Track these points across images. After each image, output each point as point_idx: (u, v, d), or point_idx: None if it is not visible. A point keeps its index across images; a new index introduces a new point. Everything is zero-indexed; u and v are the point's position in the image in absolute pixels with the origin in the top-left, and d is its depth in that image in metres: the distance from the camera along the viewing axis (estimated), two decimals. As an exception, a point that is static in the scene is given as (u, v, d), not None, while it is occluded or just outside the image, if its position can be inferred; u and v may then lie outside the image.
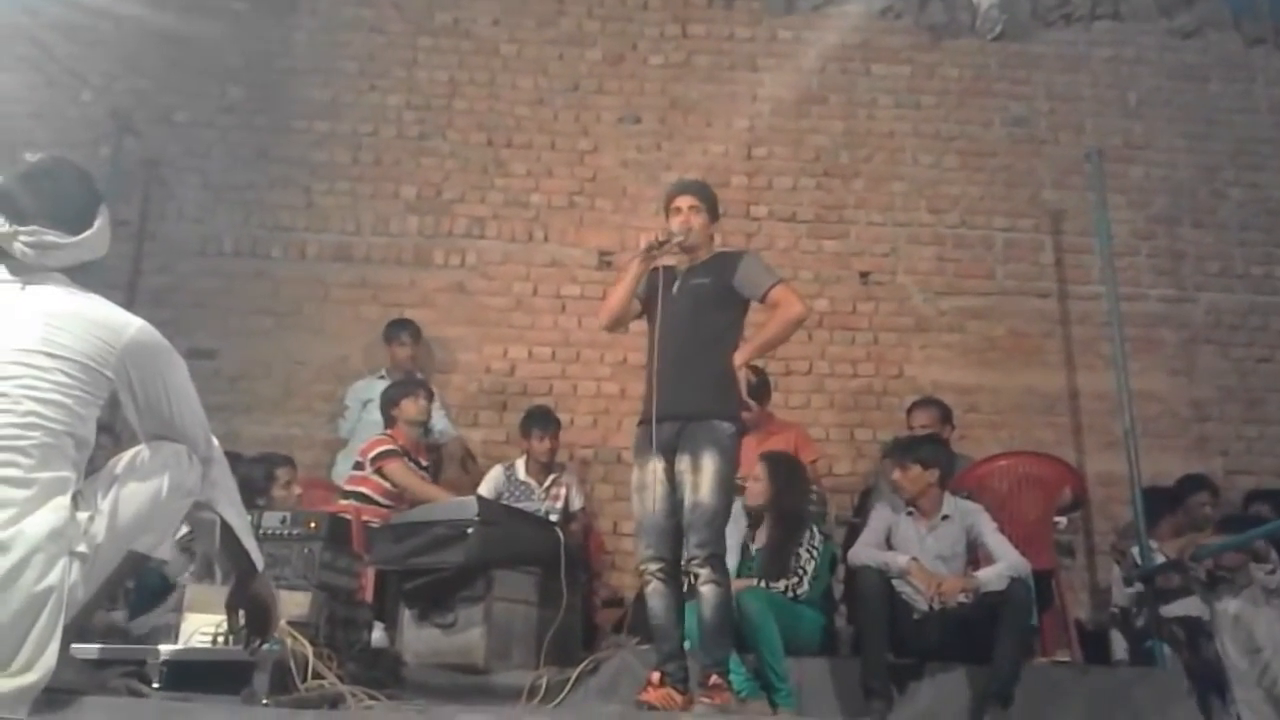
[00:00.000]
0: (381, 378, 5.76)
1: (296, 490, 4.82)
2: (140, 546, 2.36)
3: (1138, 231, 6.83)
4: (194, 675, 2.82)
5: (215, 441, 2.53)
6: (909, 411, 5.67)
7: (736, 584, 4.16)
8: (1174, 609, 4.84)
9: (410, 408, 5.19)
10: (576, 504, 5.54)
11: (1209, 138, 7.09)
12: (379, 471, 4.97)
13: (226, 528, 2.51)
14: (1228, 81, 7.22)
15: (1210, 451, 6.42)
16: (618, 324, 3.97)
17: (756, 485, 4.50)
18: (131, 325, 2.38)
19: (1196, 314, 6.77)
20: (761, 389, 5.31)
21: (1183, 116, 7.13)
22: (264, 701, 2.66)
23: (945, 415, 5.58)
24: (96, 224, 2.49)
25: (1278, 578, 4.43)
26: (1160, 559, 4.86)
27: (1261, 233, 6.93)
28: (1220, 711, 4.32)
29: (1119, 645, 5.17)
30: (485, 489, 5.36)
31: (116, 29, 6.67)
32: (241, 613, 2.62)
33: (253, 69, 6.87)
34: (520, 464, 5.54)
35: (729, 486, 3.64)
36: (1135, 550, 4.96)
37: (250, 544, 2.58)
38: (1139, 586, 4.95)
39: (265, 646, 2.67)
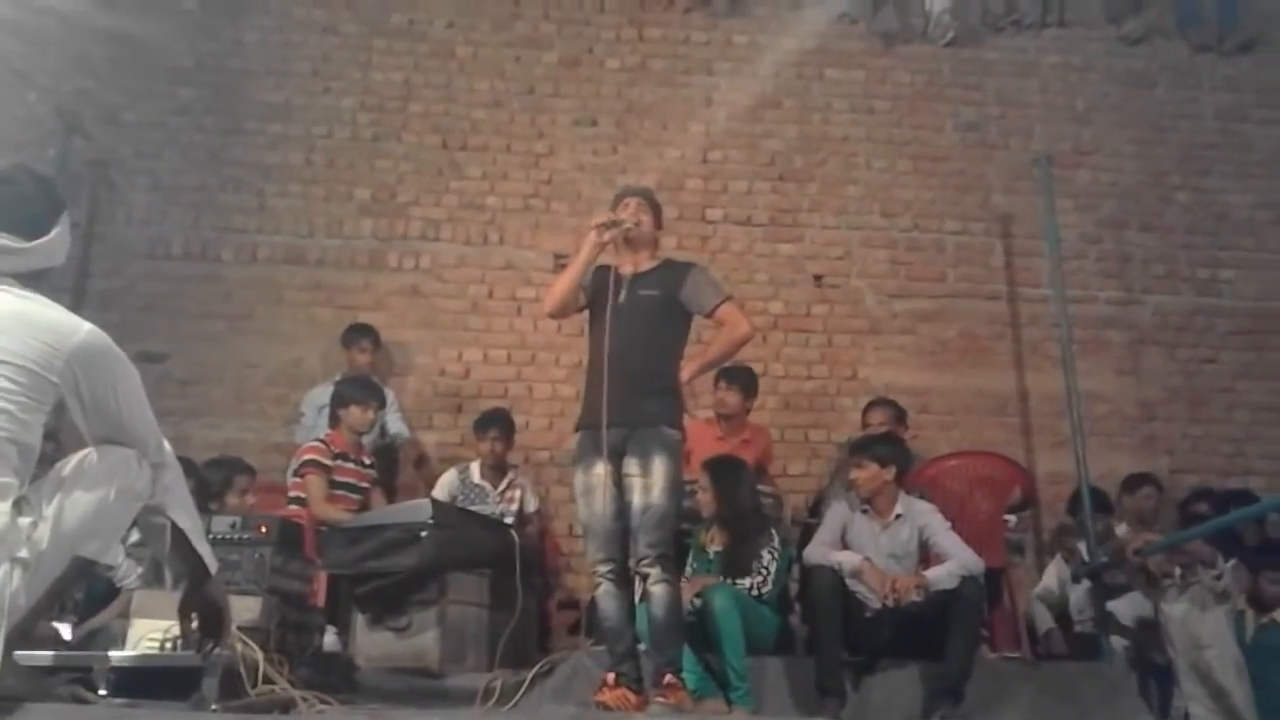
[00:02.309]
0: (338, 383, 5.71)
1: (250, 500, 4.78)
2: (86, 552, 2.33)
3: (1086, 235, 6.95)
4: (142, 681, 2.78)
5: (167, 446, 2.51)
6: (864, 412, 5.73)
7: (702, 581, 4.20)
8: (1120, 606, 4.93)
9: (357, 415, 5.13)
10: (531, 506, 5.53)
11: (1156, 143, 7.22)
12: (300, 477, 4.93)
13: (178, 532, 2.48)
14: (1174, 88, 7.35)
15: (1156, 451, 6.54)
16: (564, 311, 3.96)
17: (704, 495, 4.51)
18: (80, 329, 2.35)
19: (1143, 316, 6.89)
20: (751, 385, 5.34)
21: (1130, 122, 7.25)
22: (213, 707, 2.63)
23: (900, 415, 5.64)
24: (53, 231, 2.46)
25: (1224, 583, 4.52)
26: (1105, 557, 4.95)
27: (1206, 236, 7.07)
28: (1166, 706, 4.40)
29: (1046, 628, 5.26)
30: (439, 492, 5.33)
31: (63, 28, 6.55)
32: (194, 617, 2.59)
33: (204, 70, 6.80)
34: (475, 467, 5.52)
35: (678, 489, 3.69)
36: (1082, 547, 5.04)
37: (203, 548, 2.56)
38: (1086, 583, 5.03)
39: (217, 651, 2.65)
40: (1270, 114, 7.32)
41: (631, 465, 3.61)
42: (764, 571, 4.36)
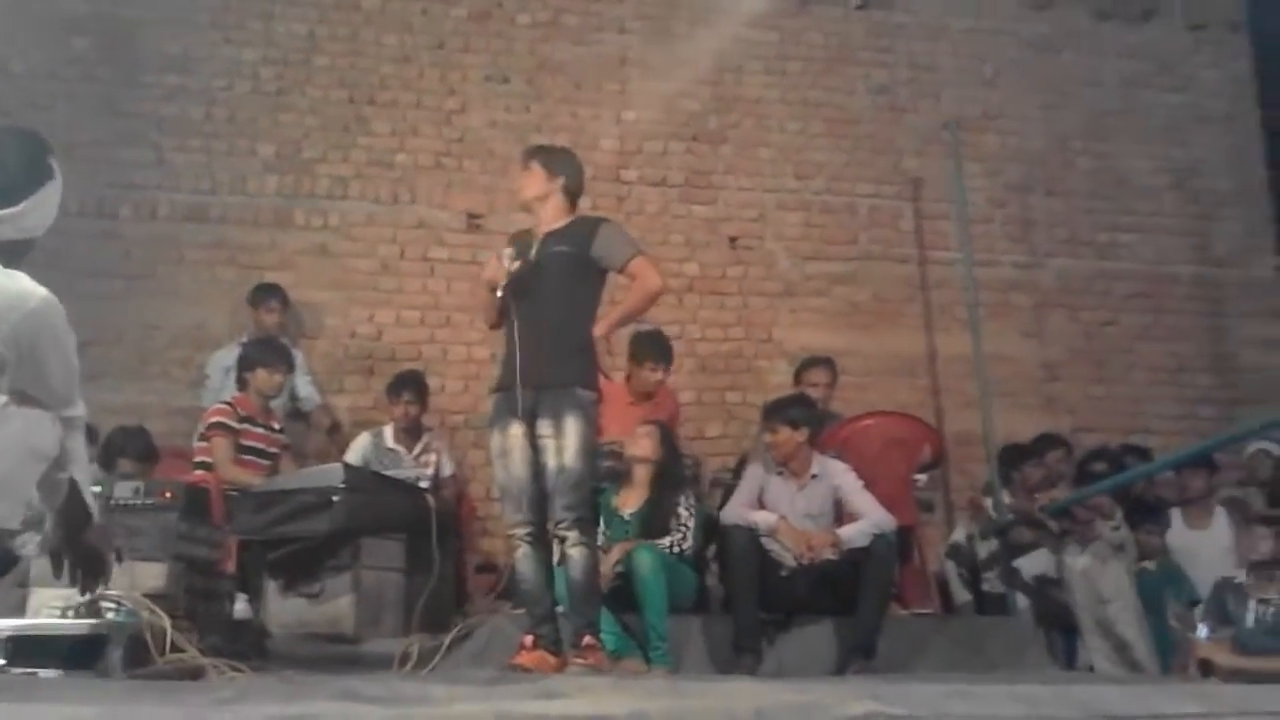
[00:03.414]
0: (245, 345, 5.54)
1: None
2: None
3: (992, 199, 7.08)
4: (43, 650, 2.70)
5: (82, 406, 2.39)
6: (799, 371, 5.71)
7: (622, 547, 4.20)
8: (1025, 563, 5.08)
9: (264, 379, 4.97)
10: (447, 470, 5.45)
11: (1060, 109, 7.37)
12: (206, 440, 4.80)
13: (73, 484, 2.38)
14: (1078, 54, 7.50)
15: (1059, 410, 6.74)
16: (499, 320, 3.86)
17: (647, 443, 4.52)
18: (35, 294, 2.23)
19: (1047, 279, 7.07)
20: (666, 352, 5.33)
21: (1036, 87, 7.39)
22: (120, 676, 2.56)
23: (834, 374, 5.67)
24: (28, 200, 2.32)
25: (1121, 534, 4.69)
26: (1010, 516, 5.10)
27: (1108, 201, 7.26)
28: (1071, 658, 4.56)
29: (959, 591, 5.39)
30: (352, 456, 5.22)
31: (-54, -27, 6.20)
32: (70, 563, 2.49)
33: (98, 19, 6.46)
34: (388, 431, 5.42)
35: (591, 451, 3.69)
36: (989, 504, 5.17)
37: (88, 496, 2.46)
38: (994, 542, 5.17)
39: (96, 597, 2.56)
40: (1169, 81, 7.53)
41: (545, 427, 3.60)
42: (683, 529, 4.39)
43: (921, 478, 5.47)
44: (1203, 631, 4.19)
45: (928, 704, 1.52)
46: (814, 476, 4.53)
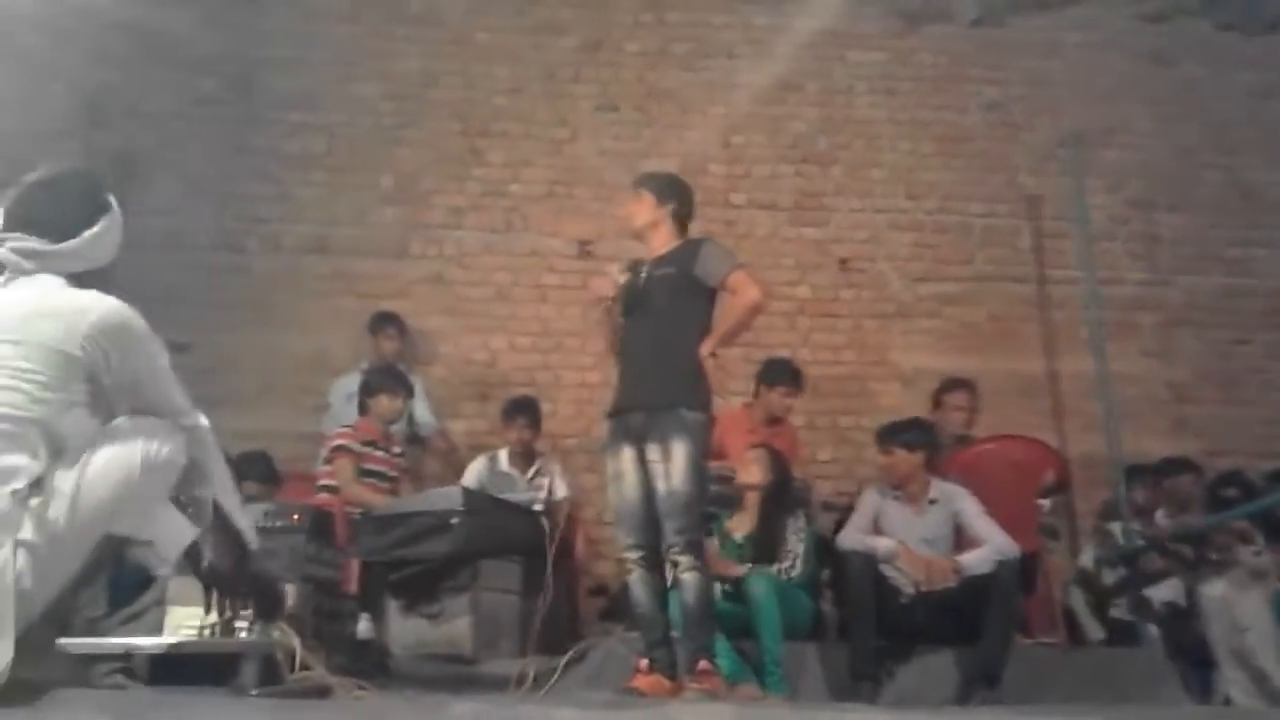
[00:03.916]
0: (366, 371, 5.69)
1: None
2: (119, 529, 2.29)
3: (1114, 216, 6.87)
4: (180, 668, 2.78)
5: (203, 419, 2.48)
6: (939, 394, 5.57)
7: (728, 565, 4.18)
8: (1154, 591, 4.88)
9: (385, 405, 5.10)
10: (561, 493, 5.50)
11: (1183, 121, 7.13)
12: (329, 464, 4.92)
13: (217, 508, 2.46)
14: (1200, 65, 7.25)
15: (1188, 433, 6.47)
16: (615, 344, 3.91)
17: (756, 468, 4.50)
18: (102, 303, 2.35)
19: (1174, 297, 6.82)
20: (797, 377, 5.34)
21: (1156, 100, 7.16)
22: (253, 693, 2.63)
23: (976, 396, 5.52)
24: (87, 233, 2.46)
25: (1263, 559, 4.47)
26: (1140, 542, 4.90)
27: (1236, 215, 6.99)
28: (1205, 691, 4.35)
29: (1088, 621, 5.19)
30: (468, 480, 5.30)
31: (85, 20, 6.52)
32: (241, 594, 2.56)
33: (224, 59, 6.76)
34: (503, 455, 5.50)
35: (701, 473, 3.63)
36: (1118, 529, 4.99)
37: (243, 523, 2.53)
38: (1121, 570, 4.98)
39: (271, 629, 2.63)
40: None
41: (654, 451, 3.59)
42: (792, 555, 4.35)
43: (1045, 503, 5.30)
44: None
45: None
46: (932, 501, 4.43)
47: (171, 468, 2.35)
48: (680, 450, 3.54)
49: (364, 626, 3.96)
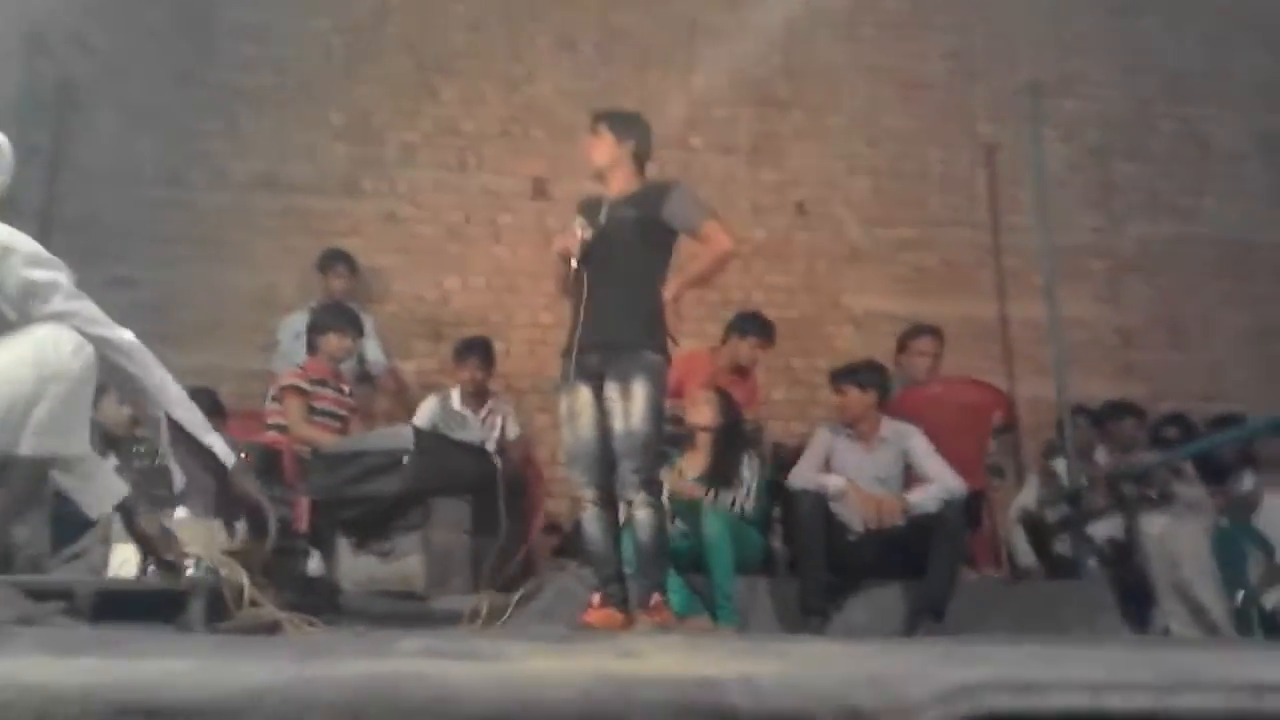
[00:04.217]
0: (315, 310, 5.62)
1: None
2: (31, 449, 2.22)
3: (1070, 164, 6.91)
4: (125, 606, 2.75)
5: (128, 334, 2.41)
6: (904, 339, 5.52)
7: (690, 489, 4.20)
8: (1099, 529, 4.98)
9: (335, 343, 5.03)
10: (513, 433, 5.49)
11: (1140, 71, 7.17)
12: (278, 402, 4.87)
13: (175, 426, 2.40)
14: (1159, 16, 7.26)
15: (1136, 377, 6.59)
16: (569, 287, 3.84)
17: (706, 409, 4.52)
18: None
19: (1125, 245, 6.90)
20: (770, 330, 5.32)
21: (1115, 50, 7.18)
22: (198, 629, 2.61)
23: (942, 343, 5.48)
24: None
25: (1196, 490, 4.58)
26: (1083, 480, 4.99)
27: (1189, 165, 7.06)
28: (1144, 624, 4.46)
29: (1023, 552, 5.27)
30: (420, 419, 5.27)
31: (26, -53, 6.33)
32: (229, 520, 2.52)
33: (175, -10, 6.58)
34: (455, 394, 5.47)
35: (659, 413, 3.65)
36: (1062, 467, 5.07)
37: (211, 439, 2.48)
38: (1064, 508, 5.07)
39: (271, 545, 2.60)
40: (1254, 43, 7.26)
41: (612, 390, 3.59)
42: (746, 487, 4.40)
43: (992, 443, 5.37)
44: (1284, 599, 4.09)
45: (1015, 666, 1.49)
46: (883, 440, 4.48)
47: (82, 381, 2.27)
48: (640, 390, 3.55)
49: (314, 564, 3.94)
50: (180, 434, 2.40)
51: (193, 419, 2.44)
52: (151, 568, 2.75)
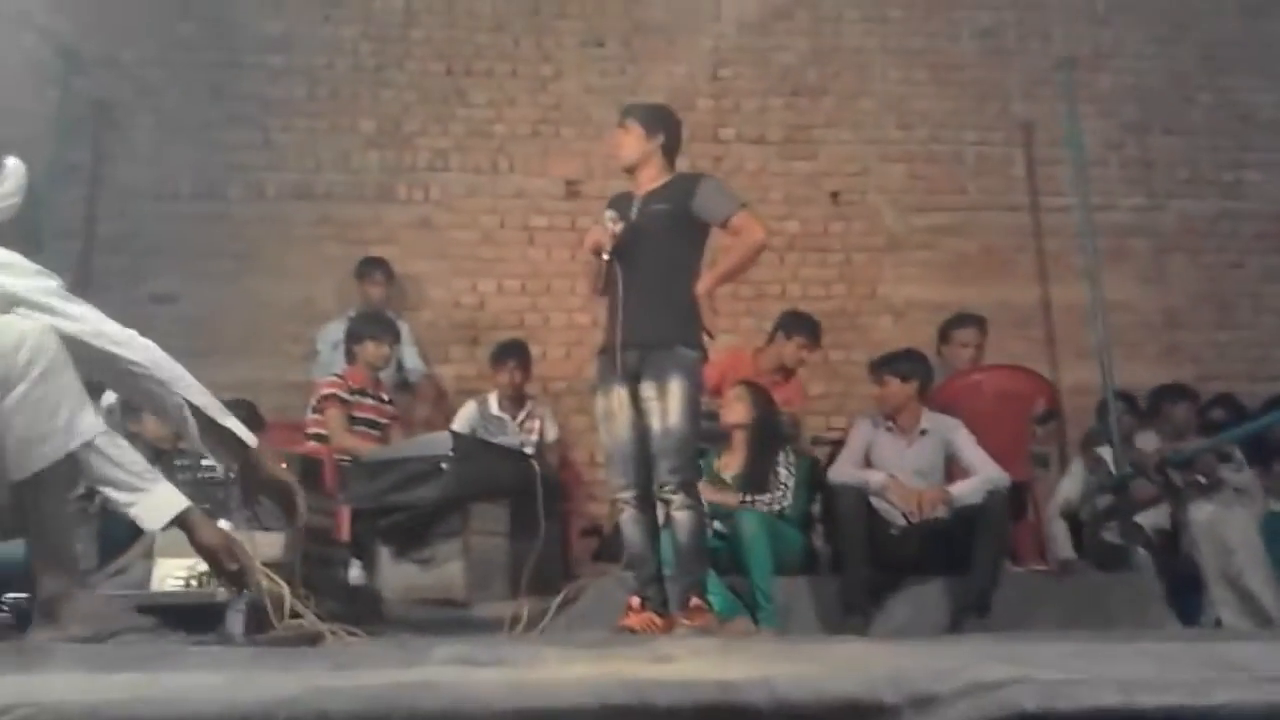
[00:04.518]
0: (352, 319, 5.66)
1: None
2: (64, 448, 2.25)
3: (1108, 141, 6.78)
4: (169, 620, 2.78)
5: (129, 332, 2.42)
6: (945, 329, 5.47)
7: (726, 499, 4.19)
8: (1147, 517, 4.89)
9: (373, 351, 5.09)
10: (551, 435, 5.51)
11: (1177, 43, 7.00)
12: (319, 413, 4.91)
13: (197, 411, 2.41)
14: (1193, -16, 7.11)
15: (1182, 359, 6.45)
16: (601, 286, 3.82)
17: (739, 405, 4.50)
18: None
19: (1167, 222, 6.76)
20: (817, 331, 5.28)
21: (1150, 22, 7.01)
22: (239, 641, 2.63)
23: (985, 333, 5.43)
24: None
25: (1244, 475, 4.49)
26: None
27: (1230, 138, 6.89)
28: (1194, 614, 4.38)
29: (1061, 545, 5.15)
30: (459, 424, 5.30)
31: (56, -33, 6.41)
32: (261, 501, 2.55)
33: (202, 4, 6.62)
34: (493, 398, 5.49)
35: (696, 411, 3.63)
36: (1108, 454, 4.97)
37: (230, 421, 2.48)
38: (1109, 498, 4.97)
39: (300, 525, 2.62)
40: (1294, 8, 7.08)
41: (648, 389, 3.56)
42: (782, 487, 4.37)
43: (1036, 431, 5.29)
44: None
45: (1053, 664, 1.46)
46: (923, 432, 4.43)
47: (67, 366, 2.28)
48: (677, 388, 3.52)
49: (355, 573, 3.97)
50: (202, 419, 2.42)
51: (209, 403, 2.45)
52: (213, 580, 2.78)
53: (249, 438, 2.53)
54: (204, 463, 3.38)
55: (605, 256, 3.68)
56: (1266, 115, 6.92)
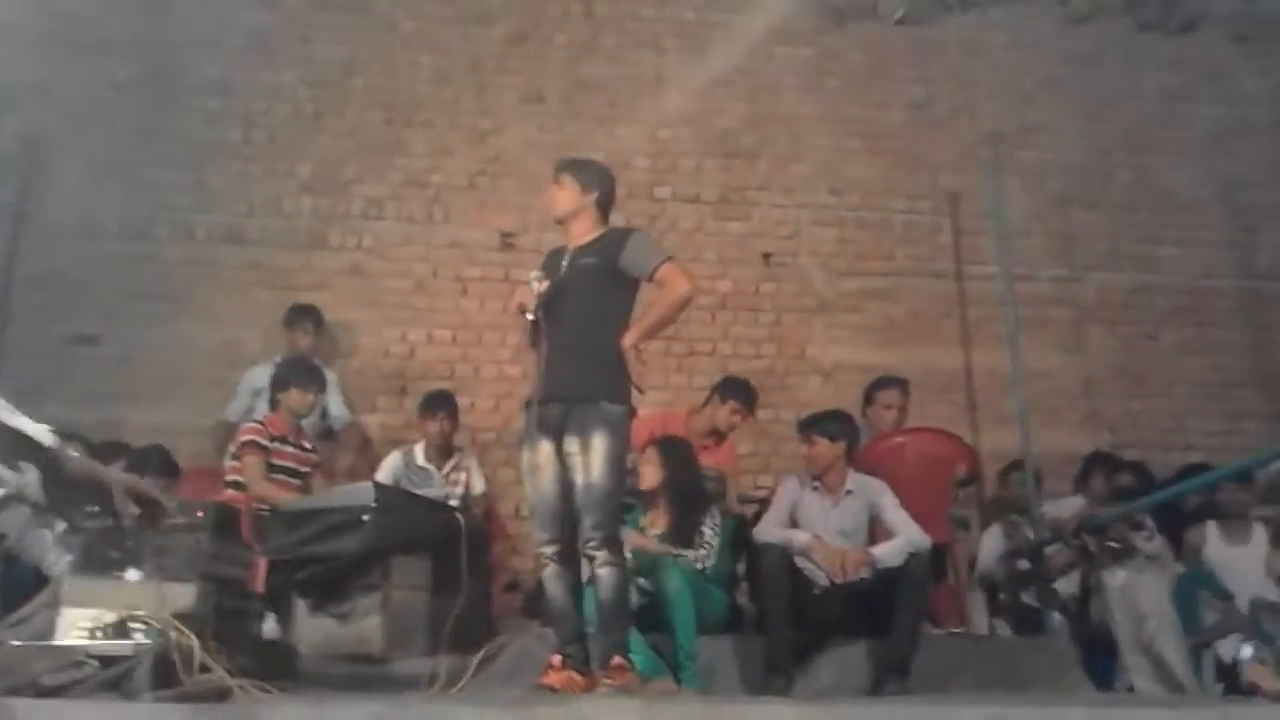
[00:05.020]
0: (278, 365, 5.58)
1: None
2: None
3: (1031, 213, 6.98)
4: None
5: None
6: (870, 391, 5.55)
7: (648, 544, 4.16)
8: (1060, 583, 4.98)
9: (296, 398, 5.01)
10: (478, 488, 5.46)
11: (1100, 121, 7.27)
12: (237, 459, 4.83)
13: None
14: (1120, 66, 7.39)
15: (1098, 426, 6.63)
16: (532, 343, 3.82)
17: (649, 469, 4.49)
18: None
19: (1086, 294, 6.97)
20: (753, 398, 5.30)
21: (1076, 101, 7.29)
22: (145, 696, 2.55)
23: (908, 395, 5.52)
24: None
25: (1155, 544, 4.59)
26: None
27: (1148, 214, 7.16)
28: (1109, 678, 4.44)
29: (979, 618, 5.20)
30: (383, 475, 5.23)
31: (-12, 2, 6.32)
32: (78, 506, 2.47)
33: (139, 43, 6.57)
34: (418, 449, 5.43)
35: (620, 467, 3.60)
36: (1023, 521, 5.07)
37: (19, 422, 2.40)
38: (1024, 564, 5.06)
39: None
40: (1211, 93, 7.40)
41: (572, 444, 3.53)
42: (707, 546, 4.37)
43: (958, 494, 5.37)
44: (1246, 651, 4.08)
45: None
46: (849, 492, 4.47)
47: None
48: (600, 443, 3.50)
49: (270, 626, 3.87)
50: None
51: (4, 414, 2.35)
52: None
53: (45, 437, 2.44)
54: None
55: (530, 316, 3.68)
56: (1183, 193, 7.21)
